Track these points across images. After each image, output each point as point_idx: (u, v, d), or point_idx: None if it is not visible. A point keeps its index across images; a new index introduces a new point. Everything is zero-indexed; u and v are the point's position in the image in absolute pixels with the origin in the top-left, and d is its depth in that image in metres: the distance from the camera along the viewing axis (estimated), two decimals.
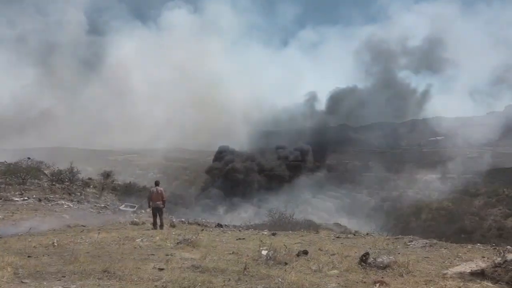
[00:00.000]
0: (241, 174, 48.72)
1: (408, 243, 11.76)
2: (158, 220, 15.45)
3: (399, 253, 9.44)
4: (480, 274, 6.86)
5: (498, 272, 6.65)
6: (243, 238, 13.30)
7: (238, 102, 60.61)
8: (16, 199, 22.03)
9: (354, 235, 15.85)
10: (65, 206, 22.08)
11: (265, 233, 15.75)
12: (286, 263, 8.18)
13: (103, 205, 25.65)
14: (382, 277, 6.97)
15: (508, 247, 9.53)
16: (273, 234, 14.78)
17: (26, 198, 22.60)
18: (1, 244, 10.68)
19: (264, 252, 8.85)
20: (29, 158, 29.70)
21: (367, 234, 16.54)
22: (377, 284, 6.60)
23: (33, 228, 14.39)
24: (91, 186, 30.67)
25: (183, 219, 23.51)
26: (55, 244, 10.57)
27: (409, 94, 58.99)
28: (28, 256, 8.93)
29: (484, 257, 8.73)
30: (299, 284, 6.63)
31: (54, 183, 28.45)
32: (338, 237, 14.42)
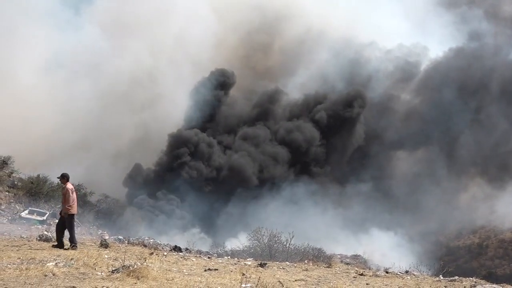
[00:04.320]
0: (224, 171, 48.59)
1: None
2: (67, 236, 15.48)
3: None
4: None
5: None
6: (216, 269, 13.37)
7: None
8: None
9: (387, 272, 15.97)
10: None
11: (249, 263, 15.84)
12: None
13: None
14: None
15: None
16: (261, 265, 14.89)
17: None
18: None
19: None
20: None
21: (407, 272, 16.69)
22: None
23: None
24: None
25: (121, 237, 23.45)
26: None
27: None
28: None
29: None
30: None
31: None
32: (361, 275, 14.54)
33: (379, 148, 54.45)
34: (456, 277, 15.20)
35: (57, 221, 25.12)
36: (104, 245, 16.82)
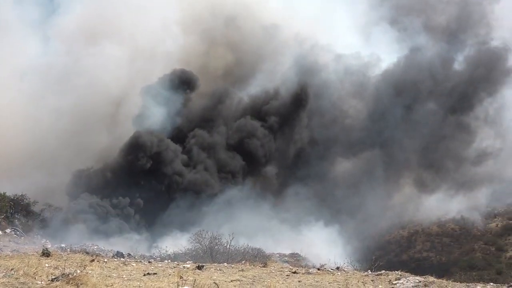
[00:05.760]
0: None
1: (395, 282, 12.21)
2: None
3: None
4: None
5: None
6: (155, 273, 13.33)
7: None
8: None
9: (319, 269, 16.20)
10: None
11: (188, 266, 15.80)
12: None
13: None
14: None
15: None
16: (199, 268, 14.88)
17: None
18: None
19: None
20: None
21: (338, 268, 16.96)
22: None
23: None
24: None
25: (63, 245, 23.08)
26: None
27: None
28: None
29: None
30: None
31: None
32: (294, 273, 14.70)
33: (322, 151, 54.90)
34: (383, 271, 15.57)
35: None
36: (46, 254, 16.44)
